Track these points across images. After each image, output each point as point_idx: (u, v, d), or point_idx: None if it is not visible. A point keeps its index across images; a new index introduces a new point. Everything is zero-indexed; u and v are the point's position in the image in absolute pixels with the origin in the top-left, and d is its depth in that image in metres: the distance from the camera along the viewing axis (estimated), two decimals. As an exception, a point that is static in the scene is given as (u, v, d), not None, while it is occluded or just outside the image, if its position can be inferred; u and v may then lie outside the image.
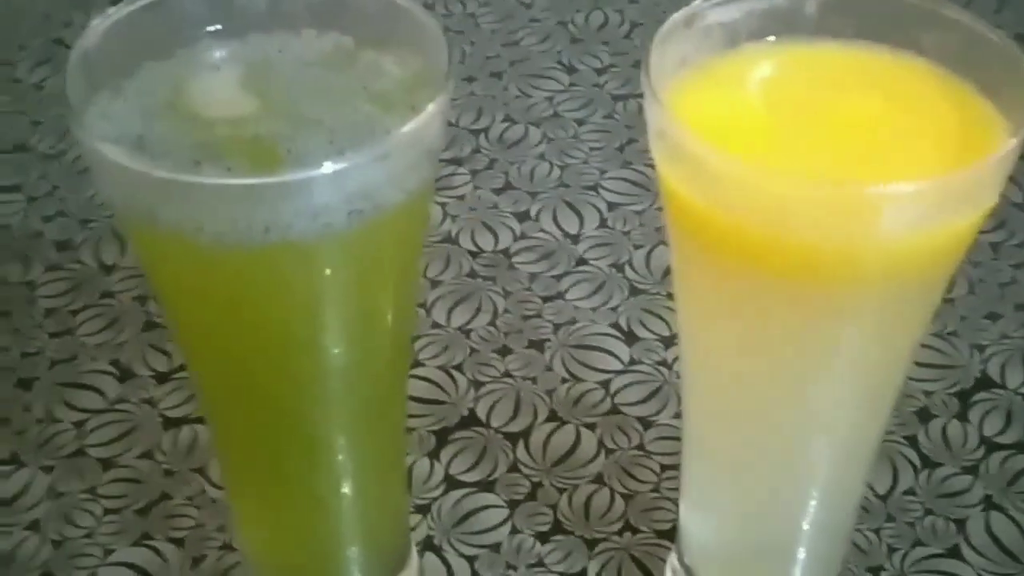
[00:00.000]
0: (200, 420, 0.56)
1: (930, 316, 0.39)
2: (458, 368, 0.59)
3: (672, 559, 0.49)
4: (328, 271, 0.36)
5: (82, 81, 0.37)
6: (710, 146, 0.33)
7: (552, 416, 0.57)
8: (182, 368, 0.58)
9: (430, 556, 0.51)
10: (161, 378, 0.58)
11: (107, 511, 0.53)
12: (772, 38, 0.39)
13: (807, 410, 0.40)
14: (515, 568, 0.51)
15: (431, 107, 0.35)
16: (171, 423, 0.56)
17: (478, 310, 0.62)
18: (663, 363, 0.59)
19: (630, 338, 0.60)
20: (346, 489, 0.43)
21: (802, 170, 0.35)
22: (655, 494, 0.53)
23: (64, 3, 0.83)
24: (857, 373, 0.39)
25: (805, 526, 0.44)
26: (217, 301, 0.37)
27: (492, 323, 0.61)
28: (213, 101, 0.38)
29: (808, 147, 0.37)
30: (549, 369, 0.59)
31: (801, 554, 0.45)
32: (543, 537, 0.52)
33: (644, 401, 0.57)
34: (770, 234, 0.33)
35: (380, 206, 0.35)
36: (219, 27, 0.40)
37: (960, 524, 0.52)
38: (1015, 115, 0.35)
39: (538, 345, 0.60)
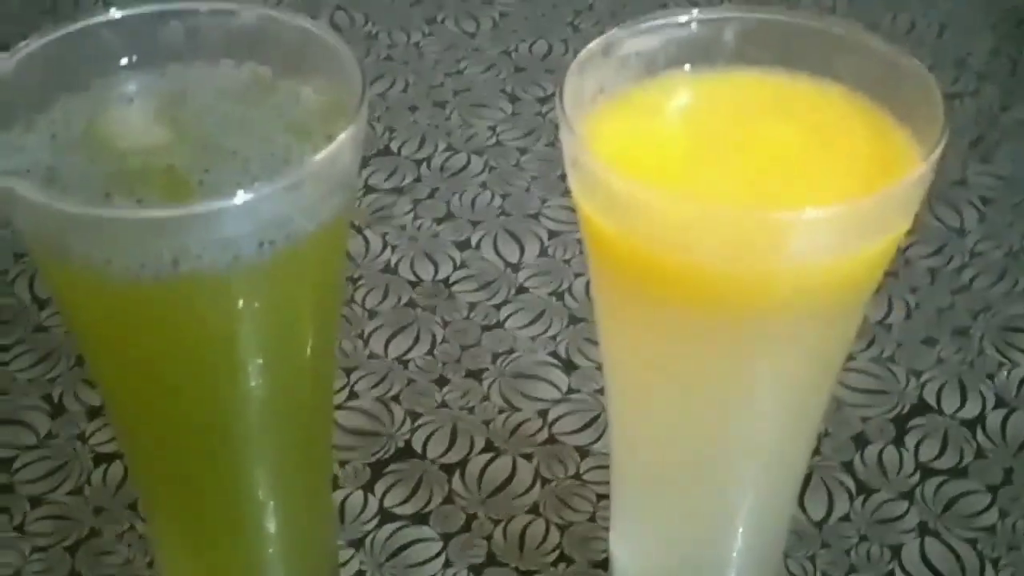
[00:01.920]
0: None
1: (850, 340, 0.39)
2: (395, 399, 0.58)
3: (605, 589, 0.48)
4: (240, 303, 0.36)
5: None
6: (619, 173, 0.33)
7: (489, 446, 0.56)
8: (114, 402, 0.57)
9: (363, 590, 0.51)
10: (92, 413, 0.57)
11: (35, 548, 0.52)
12: (690, 66, 0.40)
13: (729, 434, 0.40)
14: (449, 601, 0.50)
15: (342, 136, 0.35)
16: (101, 458, 0.55)
17: (416, 340, 0.61)
18: (601, 392, 0.58)
19: (568, 367, 0.60)
20: (269, 524, 0.43)
21: (717, 197, 0.35)
22: (590, 524, 0.53)
23: (4, 35, 0.83)
24: (778, 397, 0.39)
25: (733, 552, 0.44)
26: (131, 333, 0.37)
27: (430, 353, 0.61)
28: (127, 133, 0.38)
29: (725, 174, 0.37)
30: (486, 399, 0.58)
31: (731, 582, 0.45)
32: (477, 570, 0.51)
33: (581, 430, 0.57)
34: (680, 260, 0.33)
35: (292, 237, 0.35)
36: (136, 58, 0.40)
37: (895, 550, 0.52)
38: (928, 141, 0.35)
39: (476, 375, 0.60)
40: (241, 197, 0.33)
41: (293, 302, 0.38)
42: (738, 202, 0.35)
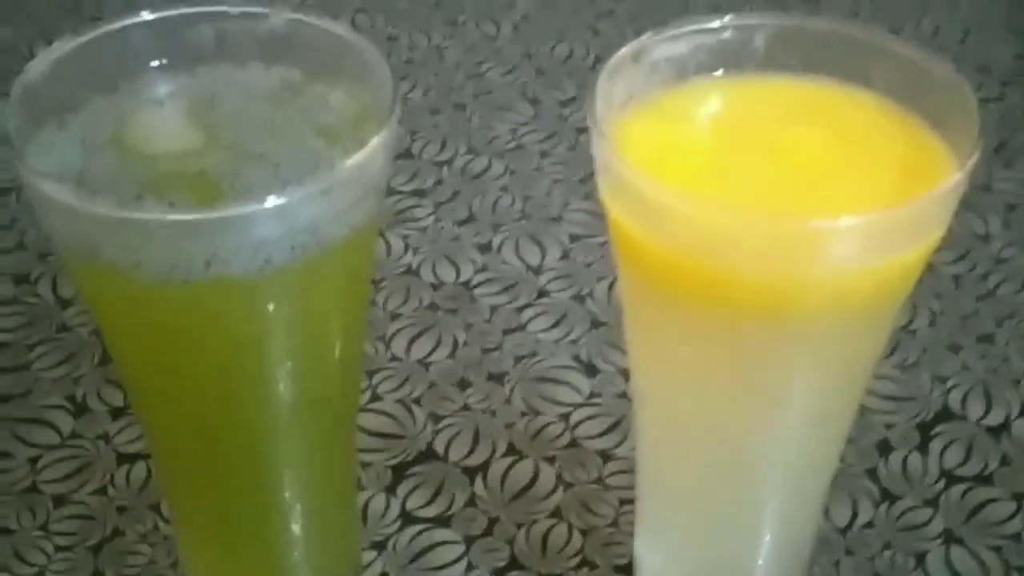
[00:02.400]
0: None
1: (881, 347, 0.39)
2: (417, 402, 0.58)
3: (628, 595, 0.48)
4: (271, 306, 0.36)
5: (24, 114, 0.37)
6: (651, 179, 0.33)
7: (511, 450, 0.56)
8: (137, 403, 0.57)
9: (385, 593, 0.51)
10: (116, 413, 0.58)
11: (59, 548, 0.52)
12: (720, 72, 0.39)
13: (758, 440, 0.40)
14: (471, 605, 0.50)
15: (374, 141, 0.35)
16: (125, 459, 0.56)
17: (438, 343, 0.61)
18: (623, 395, 0.58)
19: (590, 371, 0.60)
20: (294, 526, 0.43)
21: (747, 204, 0.35)
22: (613, 528, 0.53)
23: (28, 34, 0.83)
24: (807, 403, 0.38)
25: (760, 558, 0.44)
26: (159, 336, 0.37)
27: (452, 356, 0.61)
28: (158, 135, 0.38)
29: (755, 181, 0.37)
30: (508, 402, 0.58)
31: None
32: (499, 573, 0.51)
33: (604, 434, 0.57)
34: (710, 267, 0.33)
35: (324, 241, 0.35)
36: (166, 61, 0.40)
37: (920, 558, 0.51)
38: (962, 148, 0.35)
39: (498, 378, 0.60)
40: (273, 201, 0.33)
41: (322, 306, 0.38)
42: (768, 209, 0.35)
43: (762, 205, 0.35)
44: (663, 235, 0.34)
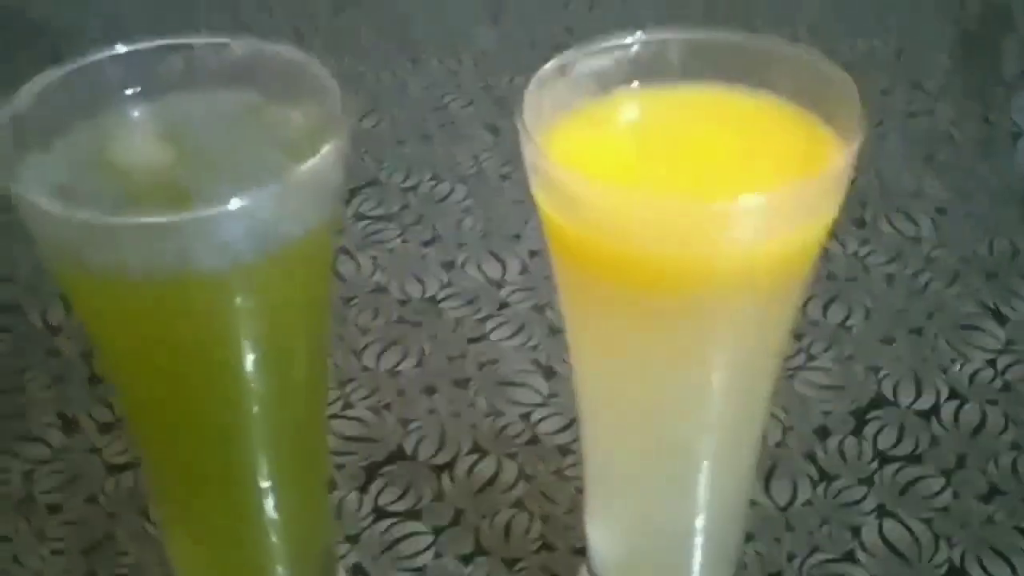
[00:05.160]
0: (140, 464, 0.59)
1: (790, 320, 0.43)
2: (387, 407, 0.62)
3: (583, 571, 0.52)
4: (238, 300, 0.40)
5: (13, 140, 0.41)
6: (571, 172, 0.37)
7: (475, 448, 0.60)
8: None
9: (359, 581, 0.55)
10: (104, 428, 0.61)
11: (54, 552, 0.56)
12: (638, 83, 0.44)
13: (685, 416, 0.44)
14: (440, 589, 0.54)
15: (326, 148, 0.39)
16: (114, 469, 0.59)
17: (406, 354, 0.65)
18: (580, 395, 0.62)
19: (548, 373, 0.64)
20: (270, 518, 0.46)
21: (663, 192, 0.39)
22: (570, 515, 0.56)
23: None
24: (724, 377, 0.42)
25: (697, 534, 0.47)
26: (143, 333, 0.41)
27: (419, 365, 0.65)
28: (134, 156, 0.43)
29: (671, 175, 0.41)
30: (472, 405, 0.62)
31: (696, 557, 0.48)
32: (465, 559, 0.55)
33: (562, 430, 0.61)
34: (625, 249, 0.37)
35: (283, 240, 0.39)
36: (139, 89, 0.44)
37: (855, 531, 0.55)
38: (851, 138, 0.39)
39: (462, 383, 0.64)
40: (235, 204, 0.37)
41: (286, 301, 0.42)
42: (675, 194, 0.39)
43: (676, 194, 0.39)
44: (584, 222, 0.38)
